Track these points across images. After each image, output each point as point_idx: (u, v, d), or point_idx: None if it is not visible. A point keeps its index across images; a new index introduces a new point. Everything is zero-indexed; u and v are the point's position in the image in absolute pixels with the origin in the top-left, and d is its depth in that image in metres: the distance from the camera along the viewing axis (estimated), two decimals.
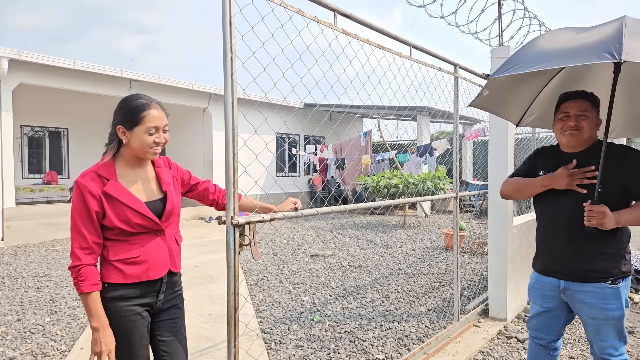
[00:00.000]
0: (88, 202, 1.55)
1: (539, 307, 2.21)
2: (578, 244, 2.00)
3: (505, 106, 2.55)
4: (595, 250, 1.97)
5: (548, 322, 2.21)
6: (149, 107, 1.62)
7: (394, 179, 9.85)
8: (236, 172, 1.67)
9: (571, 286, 2.03)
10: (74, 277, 1.54)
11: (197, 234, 9.02)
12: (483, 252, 6.43)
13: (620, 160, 1.94)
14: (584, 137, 2.02)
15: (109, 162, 1.64)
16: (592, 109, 2.03)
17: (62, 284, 5.17)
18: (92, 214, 1.55)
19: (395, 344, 3.35)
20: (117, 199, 1.58)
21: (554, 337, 2.23)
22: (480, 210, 11.76)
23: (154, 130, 1.61)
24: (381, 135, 12.65)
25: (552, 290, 2.12)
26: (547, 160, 2.17)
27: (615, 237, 1.97)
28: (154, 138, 1.62)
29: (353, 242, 7.94)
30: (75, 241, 1.55)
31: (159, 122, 1.63)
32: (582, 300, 2.00)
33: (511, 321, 3.82)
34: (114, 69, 9.57)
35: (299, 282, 5.19)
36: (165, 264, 1.69)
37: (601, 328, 1.99)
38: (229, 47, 1.61)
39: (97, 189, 1.56)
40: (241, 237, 1.72)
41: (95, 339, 1.55)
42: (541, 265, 2.18)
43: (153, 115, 1.61)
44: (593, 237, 1.95)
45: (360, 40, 2.29)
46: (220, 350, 3.28)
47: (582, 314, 2.03)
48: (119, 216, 1.57)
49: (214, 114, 12.13)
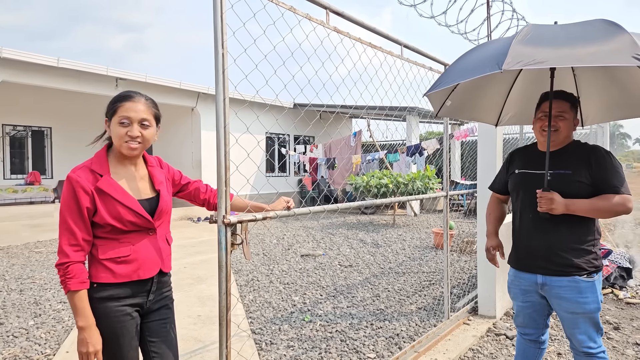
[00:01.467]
0: (79, 197, 1.51)
1: (521, 302, 2.26)
2: (550, 239, 2.07)
3: (478, 110, 2.66)
4: (566, 245, 2.03)
5: (533, 316, 2.26)
6: (128, 98, 1.58)
7: (384, 178, 9.88)
8: (228, 170, 1.65)
9: (548, 281, 2.08)
10: (61, 275, 1.50)
11: (186, 235, 8.94)
12: (472, 251, 6.49)
13: (589, 157, 2.03)
14: (561, 137, 2.10)
15: (102, 158, 1.60)
16: (571, 110, 2.10)
17: (47, 286, 5.07)
18: (82, 210, 1.51)
19: (387, 343, 3.35)
20: (110, 195, 1.54)
21: (541, 330, 2.29)
22: (469, 210, 11.86)
23: (126, 122, 1.56)
24: (371, 135, 12.69)
25: (530, 285, 2.17)
26: (523, 159, 2.25)
27: (585, 233, 2.04)
28: (127, 130, 1.56)
29: (343, 241, 7.94)
30: (64, 237, 1.51)
31: (133, 114, 1.56)
32: (560, 295, 2.05)
33: (500, 318, 3.85)
34: (100, 66, 9.43)
35: (290, 282, 5.17)
36: (156, 263, 1.66)
37: (578, 322, 2.04)
38: (220, 44, 1.59)
39: (90, 184, 1.53)
40: (233, 236, 1.69)
41: (81, 339, 1.51)
42: (516, 260, 2.25)
43: (127, 106, 1.57)
44: (564, 232, 2.03)
45: (352, 38, 2.28)
46: (209, 351, 3.25)
47: (560, 309, 2.09)
48: (111, 213, 1.54)
49: (203, 113, 12.03)
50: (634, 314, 3.96)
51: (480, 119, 2.72)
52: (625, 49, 1.51)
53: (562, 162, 2.08)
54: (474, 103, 2.59)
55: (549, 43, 1.66)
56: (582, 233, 2.04)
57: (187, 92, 11.48)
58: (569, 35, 1.68)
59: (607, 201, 1.94)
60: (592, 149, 2.08)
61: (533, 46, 1.65)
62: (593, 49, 1.57)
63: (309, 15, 1.99)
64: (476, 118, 2.72)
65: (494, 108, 2.66)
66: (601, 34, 1.64)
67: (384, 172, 10.39)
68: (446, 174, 3.62)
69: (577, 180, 2.01)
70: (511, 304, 4.14)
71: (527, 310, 2.25)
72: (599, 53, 1.55)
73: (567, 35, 1.68)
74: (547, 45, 1.64)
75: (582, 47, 1.59)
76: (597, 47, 1.57)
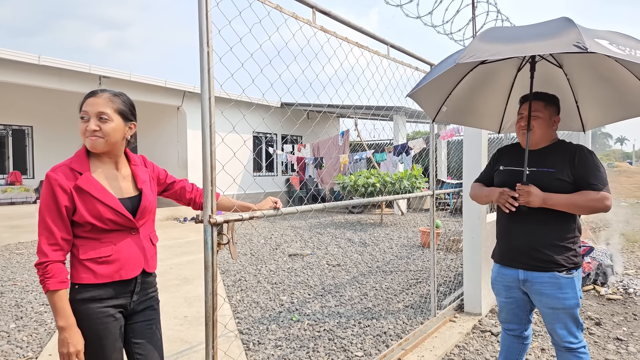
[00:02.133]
0: (58, 196, 1.49)
1: (504, 298, 2.31)
2: (532, 236, 2.11)
3: (479, 116, 2.73)
4: (547, 242, 2.08)
5: (516, 312, 2.30)
6: (91, 94, 1.57)
7: (371, 178, 9.92)
8: (214, 170, 1.64)
9: (530, 277, 2.13)
10: (40, 275, 1.48)
11: (172, 235, 8.84)
12: (458, 249, 6.56)
13: (572, 156, 2.09)
14: (536, 135, 2.16)
15: (82, 156, 1.58)
16: (545, 109, 2.16)
17: (28, 288, 4.97)
18: (61, 209, 1.49)
19: (374, 341, 3.37)
20: (89, 193, 1.52)
21: (524, 325, 2.34)
22: (455, 208, 11.98)
23: (86, 117, 1.55)
24: (358, 135, 12.72)
25: (513, 281, 2.22)
26: (509, 157, 2.31)
27: (566, 231, 2.09)
28: (85, 125, 1.54)
29: (331, 241, 7.95)
30: (42, 237, 1.49)
31: (90, 108, 1.55)
32: (540, 291, 2.10)
33: (485, 315, 3.90)
34: (82, 64, 9.27)
35: (278, 281, 5.15)
36: (139, 263, 1.64)
37: (559, 317, 2.09)
38: (205, 42, 1.58)
39: (69, 183, 1.51)
40: (219, 236, 1.68)
41: (62, 339, 1.48)
42: (500, 255, 2.29)
43: (88, 101, 1.56)
44: (546, 229, 2.08)
45: (339, 38, 2.29)
46: (196, 352, 3.22)
47: (541, 305, 2.13)
48: (90, 211, 1.52)
49: (189, 112, 11.91)
50: (614, 309, 4.05)
51: (481, 125, 2.79)
52: (569, 40, 1.57)
53: (545, 160, 2.13)
54: (474, 109, 2.65)
55: (503, 40, 1.74)
56: (564, 230, 2.09)
57: (173, 91, 11.36)
58: (524, 33, 1.75)
59: (585, 197, 1.99)
60: (575, 148, 2.13)
61: (488, 43, 1.73)
62: (540, 42, 1.64)
63: (295, 14, 1.98)
64: (477, 125, 2.80)
65: (494, 115, 2.72)
66: (553, 30, 1.70)
67: (372, 172, 10.43)
68: (432, 173, 3.65)
69: (559, 178, 2.06)
70: (496, 301, 4.19)
71: (511, 306, 2.30)
72: (543, 45, 1.63)
73: (523, 33, 1.76)
74: (501, 42, 1.72)
75: (531, 41, 1.67)
76: (544, 41, 1.65)
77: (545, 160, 2.13)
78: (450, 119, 2.66)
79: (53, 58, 8.75)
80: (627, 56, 1.57)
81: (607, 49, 1.56)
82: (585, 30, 1.67)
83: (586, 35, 1.58)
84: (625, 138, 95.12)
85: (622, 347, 3.22)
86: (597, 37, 1.62)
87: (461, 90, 2.47)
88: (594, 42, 1.56)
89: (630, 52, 1.60)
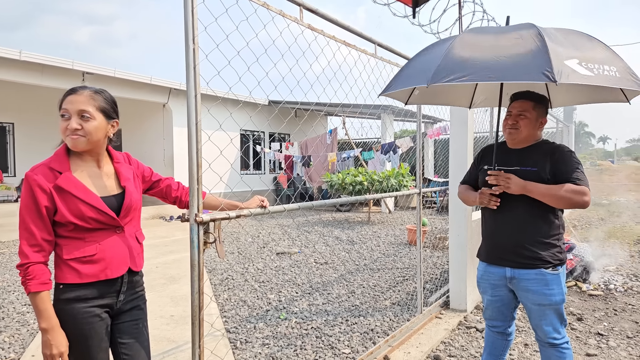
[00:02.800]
0: (37, 196, 1.46)
1: (490, 296, 2.34)
2: (518, 234, 2.15)
3: (451, 94, 2.74)
4: (533, 239, 2.12)
5: (501, 309, 2.34)
6: (71, 92, 1.53)
7: (359, 176, 9.95)
8: (200, 168, 1.63)
9: (517, 274, 2.16)
10: (21, 276, 1.46)
11: (158, 234, 8.75)
12: (444, 247, 6.62)
13: (552, 153, 2.13)
14: (521, 135, 2.19)
15: (62, 155, 1.55)
16: (534, 110, 2.18)
17: (9, 288, 4.87)
18: (41, 209, 1.47)
19: (361, 338, 3.39)
20: (69, 192, 1.49)
21: (508, 322, 2.39)
22: (441, 206, 12.10)
23: (66, 115, 1.51)
24: (346, 133, 12.75)
25: (500, 279, 2.25)
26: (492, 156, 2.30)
27: (551, 228, 2.14)
28: (67, 124, 1.51)
29: (319, 239, 7.96)
30: (23, 238, 1.47)
31: (71, 106, 1.51)
32: (527, 287, 2.14)
33: (471, 312, 3.95)
34: (65, 60, 9.09)
35: (265, 280, 5.14)
36: (124, 262, 1.61)
37: (545, 313, 2.13)
38: (191, 39, 1.56)
39: (48, 183, 1.48)
40: (206, 234, 1.67)
41: (45, 341, 1.46)
42: (486, 254, 2.32)
43: (68, 99, 1.52)
44: (531, 227, 2.12)
45: (326, 36, 2.29)
46: (183, 352, 3.20)
47: (527, 302, 2.17)
48: (72, 211, 1.49)
49: (175, 109, 11.79)
50: (596, 305, 4.14)
51: (453, 102, 2.80)
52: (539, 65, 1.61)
53: (528, 160, 2.17)
54: (447, 88, 2.65)
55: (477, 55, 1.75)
56: (548, 227, 2.13)
57: (158, 88, 11.22)
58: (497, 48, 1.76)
59: (565, 188, 2.01)
60: (556, 146, 2.18)
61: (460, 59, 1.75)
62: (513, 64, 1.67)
63: (282, 12, 1.98)
64: (450, 102, 2.81)
65: (466, 91, 2.73)
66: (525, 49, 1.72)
67: (359, 170, 10.46)
68: (419, 172, 3.68)
69: (541, 177, 2.09)
70: (482, 299, 4.25)
71: (496, 304, 2.33)
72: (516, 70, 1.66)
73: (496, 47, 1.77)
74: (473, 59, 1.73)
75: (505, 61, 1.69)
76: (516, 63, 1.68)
77: (529, 159, 2.17)
78: (422, 100, 2.66)
79: (35, 53, 8.56)
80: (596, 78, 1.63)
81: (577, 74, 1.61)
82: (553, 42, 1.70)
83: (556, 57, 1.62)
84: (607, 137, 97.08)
85: (603, 342, 3.30)
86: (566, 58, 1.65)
87: None
88: (564, 67, 1.60)
89: (599, 72, 1.66)
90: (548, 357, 2.19)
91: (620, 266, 5.56)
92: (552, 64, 1.58)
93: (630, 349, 3.17)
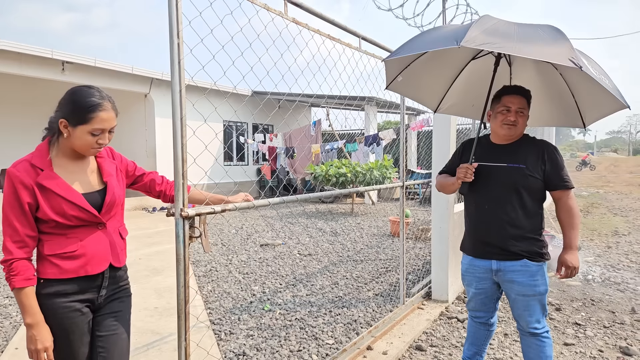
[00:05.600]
0: (19, 193, 1.45)
1: (474, 289, 2.39)
2: (503, 229, 2.21)
3: (422, 92, 2.77)
4: (520, 234, 2.19)
5: (485, 301, 2.40)
6: (100, 108, 1.51)
7: (342, 168, 10.00)
8: (185, 163, 1.63)
9: (502, 267, 2.23)
10: (5, 272, 1.45)
11: (141, 225, 8.66)
12: (426, 238, 6.73)
13: (542, 154, 2.20)
14: (518, 131, 2.24)
15: (44, 151, 1.53)
16: (527, 107, 2.24)
17: None
18: (24, 205, 1.46)
19: (345, 329, 3.45)
20: (51, 190, 1.48)
21: (491, 313, 2.45)
22: (424, 198, 12.26)
23: (99, 132, 1.53)
24: (330, 125, 12.76)
25: (485, 272, 2.31)
26: (477, 152, 2.32)
27: (539, 223, 2.22)
28: (97, 139, 1.54)
29: (303, 230, 7.99)
30: (6, 234, 1.46)
31: (107, 125, 1.54)
32: (512, 279, 2.20)
33: (452, 302, 4.05)
34: (44, 49, 8.83)
35: (249, 271, 5.16)
36: (105, 258, 1.61)
37: (529, 304, 2.20)
38: (175, 33, 1.55)
39: (30, 179, 1.47)
40: (191, 229, 1.68)
41: (30, 337, 1.47)
42: (472, 248, 2.37)
43: (102, 117, 1.52)
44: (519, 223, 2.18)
45: (311, 30, 2.29)
46: (167, 343, 3.20)
47: (512, 292, 2.24)
48: (53, 208, 1.48)
49: (157, 99, 11.60)
50: (574, 295, 4.28)
51: (422, 101, 2.82)
52: (564, 53, 1.70)
53: (516, 156, 2.21)
54: (421, 84, 2.69)
55: (504, 35, 1.79)
56: (533, 222, 2.20)
57: (140, 78, 11.02)
58: (521, 32, 1.82)
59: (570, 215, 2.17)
60: (543, 145, 2.23)
61: (489, 34, 1.78)
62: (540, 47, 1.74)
63: (267, 6, 1.97)
64: (419, 99, 2.82)
65: (437, 93, 2.77)
66: (548, 37, 1.80)
67: (343, 162, 10.51)
68: (402, 164, 3.73)
69: (531, 175, 2.16)
70: (462, 288, 4.35)
71: (480, 297, 2.39)
72: (544, 51, 1.73)
73: (520, 32, 1.82)
74: (502, 37, 1.78)
75: (532, 44, 1.75)
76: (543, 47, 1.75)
77: (515, 155, 2.21)
78: (400, 89, 2.68)
79: (12, 42, 8.30)
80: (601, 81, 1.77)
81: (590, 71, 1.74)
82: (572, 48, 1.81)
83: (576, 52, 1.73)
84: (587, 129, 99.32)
85: (580, 332, 3.42)
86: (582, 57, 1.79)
87: (417, 64, 2.47)
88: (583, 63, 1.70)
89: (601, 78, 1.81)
90: (529, 346, 2.26)
91: (598, 257, 5.75)
92: (575, 53, 1.69)
93: (607, 339, 3.29)
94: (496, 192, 2.22)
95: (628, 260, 5.58)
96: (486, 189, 2.25)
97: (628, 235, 7.19)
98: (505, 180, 2.19)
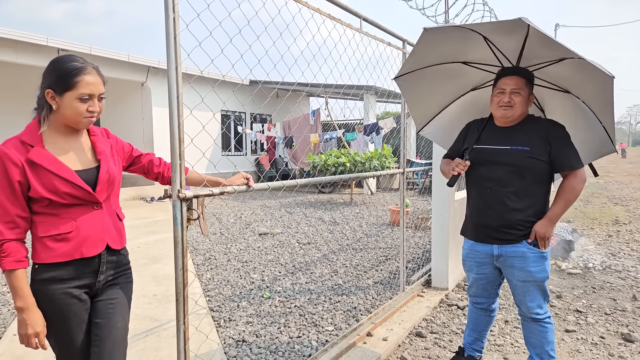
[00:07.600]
0: (9, 171, 1.40)
1: (475, 274, 2.37)
2: (509, 212, 2.16)
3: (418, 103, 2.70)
4: (524, 219, 2.15)
5: (486, 287, 2.37)
6: (84, 71, 1.46)
7: (341, 157, 9.95)
8: (182, 143, 1.58)
9: (504, 251, 2.20)
10: None
11: (139, 215, 8.63)
12: (426, 227, 6.72)
13: (546, 135, 2.12)
14: (516, 113, 2.16)
15: (33, 128, 1.48)
16: (526, 86, 2.16)
17: None
18: (14, 184, 1.41)
19: (344, 316, 3.43)
20: (42, 166, 1.43)
21: (492, 299, 2.43)
22: (423, 187, 12.23)
23: (87, 98, 1.46)
24: (328, 114, 12.67)
25: (486, 257, 2.29)
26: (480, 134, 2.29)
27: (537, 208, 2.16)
28: (88, 106, 1.47)
29: (302, 219, 7.97)
30: None
31: (94, 89, 1.48)
32: (513, 264, 2.18)
33: (452, 290, 4.04)
34: (40, 36, 8.73)
35: (248, 260, 5.14)
36: (101, 239, 1.55)
37: (530, 289, 2.18)
38: (171, 7, 1.50)
39: (20, 156, 1.41)
40: (189, 211, 1.64)
41: (20, 321, 1.43)
42: (473, 232, 2.34)
43: (88, 80, 1.46)
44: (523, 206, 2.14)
45: (311, 8, 2.23)
46: (166, 330, 3.18)
47: (513, 278, 2.22)
48: (45, 185, 1.43)
49: (154, 88, 11.49)
50: (574, 283, 4.27)
51: (411, 111, 2.74)
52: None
53: (520, 139, 2.15)
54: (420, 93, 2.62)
55: None
56: (539, 206, 2.16)
57: (137, 66, 10.91)
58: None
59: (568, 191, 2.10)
60: (549, 125, 2.16)
61: None
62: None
63: None
64: (410, 108, 2.73)
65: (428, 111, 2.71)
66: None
67: (342, 151, 10.45)
68: (403, 151, 3.69)
69: (534, 157, 2.10)
70: (462, 276, 4.34)
71: (481, 282, 2.37)
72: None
73: None
74: None
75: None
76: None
77: (519, 137, 2.15)
78: (402, 87, 2.60)
79: (8, 29, 8.19)
80: None
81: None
82: None
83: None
84: None
85: (582, 319, 3.41)
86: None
87: (429, 71, 2.42)
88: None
89: None
90: (531, 331, 2.24)
91: (599, 245, 5.74)
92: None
93: (608, 325, 3.28)
94: (498, 174, 2.17)
95: (629, 248, 5.57)
96: (488, 172, 2.21)
97: (629, 224, 7.18)
98: (508, 163, 2.14)
